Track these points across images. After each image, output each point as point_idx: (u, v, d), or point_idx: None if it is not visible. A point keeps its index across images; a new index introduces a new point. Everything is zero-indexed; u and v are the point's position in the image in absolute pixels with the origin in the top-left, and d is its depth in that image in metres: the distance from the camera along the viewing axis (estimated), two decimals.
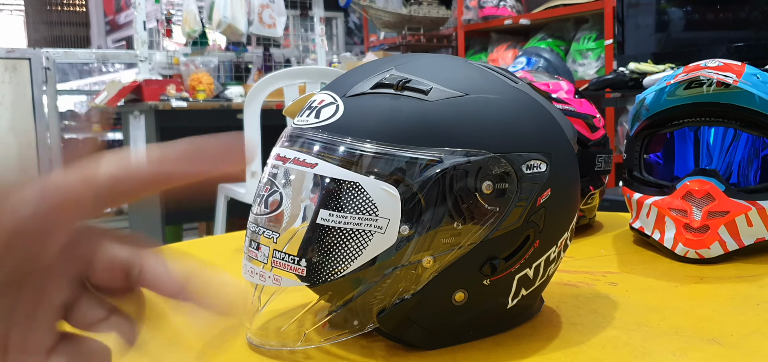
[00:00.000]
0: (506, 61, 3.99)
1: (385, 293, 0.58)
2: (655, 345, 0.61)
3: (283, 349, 0.61)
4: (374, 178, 0.55)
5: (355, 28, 6.26)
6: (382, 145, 0.56)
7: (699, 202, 0.87)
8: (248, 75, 4.73)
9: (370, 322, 0.58)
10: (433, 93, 0.58)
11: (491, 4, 4.14)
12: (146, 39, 4.21)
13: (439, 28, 4.54)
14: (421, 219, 0.56)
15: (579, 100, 1.04)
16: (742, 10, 2.86)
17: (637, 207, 0.95)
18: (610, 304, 0.72)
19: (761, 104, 0.88)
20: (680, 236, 0.87)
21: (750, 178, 0.99)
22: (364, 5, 4.40)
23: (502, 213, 0.57)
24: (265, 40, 4.59)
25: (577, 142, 0.67)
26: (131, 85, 4.09)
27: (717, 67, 0.91)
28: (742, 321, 0.67)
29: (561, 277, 0.80)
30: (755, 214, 0.86)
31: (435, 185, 0.55)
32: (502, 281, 0.59)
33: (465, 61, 0.65)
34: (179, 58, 4.38)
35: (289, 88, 2.62)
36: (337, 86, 0.62)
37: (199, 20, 4.33)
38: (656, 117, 0.95)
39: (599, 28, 3.59)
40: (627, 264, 0.90)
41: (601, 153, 1.04)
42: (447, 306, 0.58)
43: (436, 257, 0.56)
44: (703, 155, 1.01)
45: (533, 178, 0.58)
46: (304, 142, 0.58)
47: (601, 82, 2.84)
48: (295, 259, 0.58)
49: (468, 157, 0.56)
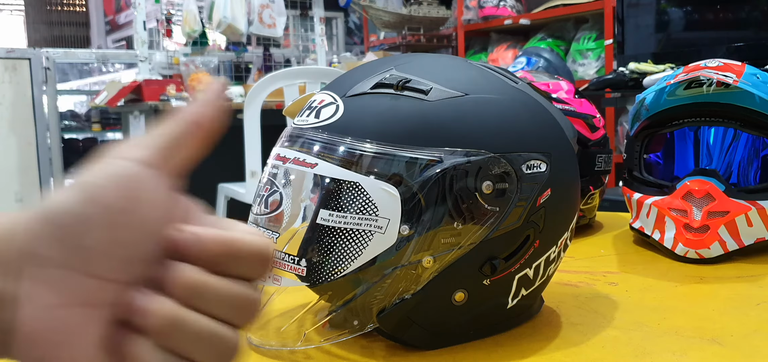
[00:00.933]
0: (506, 61, 3.99)
1: (385, 293, 0.58)
2: (655, 345, 0.61)
3: (283, 349, 0.61)
4: (374, 177, 0.55)
5: (355, 28, 6.26)
6: (382, 145, 0.56)
7: (699, 202, 0.87)
8: (248, 75, 4.73)
9: (370, 322, 0.58)
10: (433, 93, 0.58)
11: (491, 4, 4.14)
12: (146, 39, 4.21)
13: (439, 28, 4.54)
14: (421, 219, 0.56)
15: (579, 100, 1.04)
16: (742, 10, 2.86)
17: (637, 207, 0.95)
18: (610, 304, 0.72)
19: (761, 104, 0.88)
20: (680, 236, 0.87)
21: (750, 178, 0.99)
22: (364, 5, 4.40)
23: (502, 213, 0.57)
24: (265, 40, 4.59)
25: (577, 142, 0.67)
26: (131, 85, 4.09)
27: (717, 67, 0.91)
28: (742, 321, 0.67)
29: (561, 277, 0.80)
30: (755, 214, 0.86)
31: (435, 185, 0.55)
32: (502, 281, 0.59)
33: (465, 61, 0.65)
34: (179, 58, 4.38)
35: (289, 88, 2.62)
36: (337, 86, 0.62)
37: (199, 20, 4.33)
38: (656, 117, 0.95)
39: (599, 28, 3.59)
40: (627, 264, 0.90)
41: (601, 153, 1.04)
42: (447, 306, 0.58)
43: (436, 257, 0.56)
44: (703, 155, 1.01)
45: (533, 178, 0.58)
46: (304, 141, 0.58)
47: (601, 82, 2.83)
48: (295, 259, 0.58)
49: (468, 157, 0.56)
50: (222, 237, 0.33)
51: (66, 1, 8.28)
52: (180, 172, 0.34)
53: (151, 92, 3.94)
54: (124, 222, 0.31)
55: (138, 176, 0.32)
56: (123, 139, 0.44)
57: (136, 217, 0.31)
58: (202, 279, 0.32)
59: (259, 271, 0.34)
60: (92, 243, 0.30)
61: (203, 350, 0.32)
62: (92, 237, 0.30)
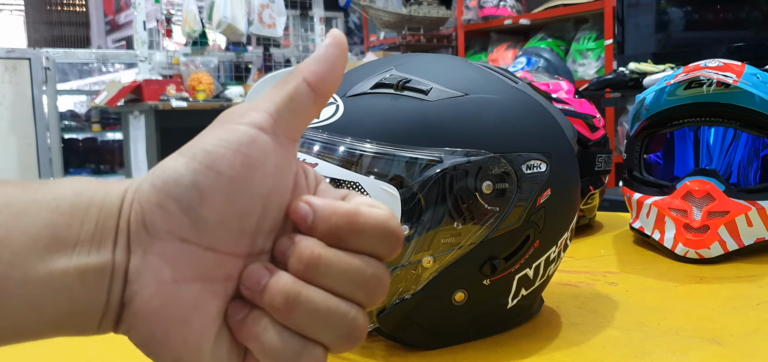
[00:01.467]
0: (506, 61, 3.99)
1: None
2: (655, 345, 0.61)
3: None
4: (374, 177, 0.55)
5: (355, 28, 6.26)
6: (382, 145, 0.56)
7: (699, 202, 0.87)
8: (248, 75, 4.73)
9: (370, 322, 0.58)
10: (433, 93, 0.58)
11: (491, 4, 4.14)
12: (146, 39, 4.22)
13: (439, 28, 4.54)
14: (421, 219, 0.56)
15: (579, 100, 1.04)
16: (742, 10, 2.86)
17: (637, 207, 0.95)
18: (610, 304, 0.72)
19: (761, 104, 0.88)
20: (680, 236, 0.87)
21: (750, 178, 0.99)
22: (364, 5, 4.40)
23: (502, 213, 0.57)
24: (265, 40, 4.60)
25: (577, 142, 0.67)
26: (131, 85, 4.10)
27: (717, 67, 0.91)
28: (742, 321, 0.67)
29: (561, 277, 0.80)
30: (755, 214, 0.86)
31: (435, 185, 0.55)
32: (502, 281, 0.59)
33: (465, 61, 0.65)
34: (179, 58, 4.38)
35: None
36: None
37: (199, 20, 4.33)
38: (656, 117, 0.95)
39: (599, 28, 3.59)
40: (627, 264, 0.90)
41: (601, 153, 1.04)
42: (447, 306, 0.58)
43: (436, 257, 0.56)
44: (703, 155, 1.01)
45: (533, 178, 0.58)
46: (303, 141, 0.58)
47: (601, 82, 2.84)
48: None
49: (468, 157, 0.56)
50: (343, 209, 0.30)
51: (66, 1, 8.28)
52: (297, 138, 0.32)
53: (151, 92, 3.94)
54: (242, 192, 0.29)
55: (255, 143, 0.30)
56: (242, 101, 0.41)
57: (255, 187, 0.30)
58: (323, 253, 0.30)
59: (384, 246, 0.31)
60: (210, 215, 0.29)
61: (325, 328, 0.30)
62: (210, 208, 0.29)
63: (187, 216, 0.29)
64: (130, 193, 0.29)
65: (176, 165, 0.29)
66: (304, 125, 0.32)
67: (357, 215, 0.30)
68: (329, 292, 0.30)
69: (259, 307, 0.30)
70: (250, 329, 0.30)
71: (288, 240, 0.31)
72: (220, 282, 0.30)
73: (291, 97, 0.31)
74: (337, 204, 0.31)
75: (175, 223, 0.29)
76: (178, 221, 0.29)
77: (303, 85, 0.32)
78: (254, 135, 0.30)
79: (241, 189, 0.29)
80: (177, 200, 0.29)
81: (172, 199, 0.29)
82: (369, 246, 0.31)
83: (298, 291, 0.30)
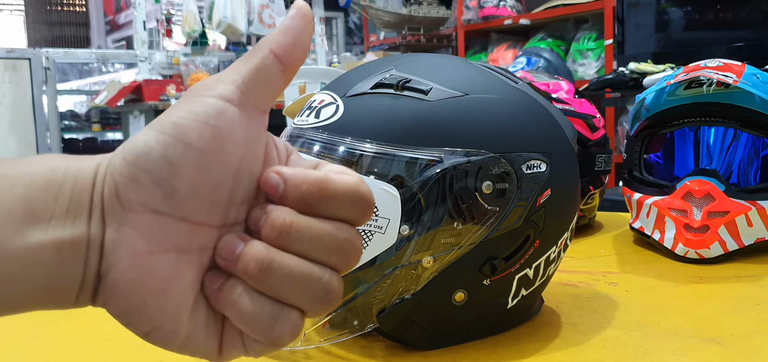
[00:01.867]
0: (506, 61, 3.99)
1: (385, 293, 0.58)
2: (655, 345, 0.61)
3: (283, 349, 0.61)
4: (374, 177, 0.55)
5: (355, 28, 6.26)
6: (382, 145, 0.56)
7: (699, 202, 0.87)
8: None
9: (370, 322, 0.58)
10: (433, 93, 0.58)
11: (491, 4, 4.14)
12: (146, 39, 4.22)
13: (439, 28, 4.54)
14: (421, 219, 0.56)
15: (579, 100, 1.04)
16: (742, 10, 2.86)
17: (637, 207, 0.95)
18: (610, 304, 0.72)
19: (761, 104, 0.88)
20: (680, 236, 0.87)
21: (750, 178, 0.99)
22: (364, 5, 4.40)
23: (502, 213, 0.57)
24: None
25: (577, 142, 0.67)
26: (131, 85, 4.10)
27: (717, 67, 0.91)
28: (742, 321, 0.67)
29: (561, 277, 0.80)
30: (755, 214, 0.86)
31: (435, 185, 0.55)
32: (502, 281, 0.59)
33: (465, 61, 0.65)
34: (179, 58, 4.38)
35: (288, 88, 2.62)
36: (337, 86, 0.62)
37: (199, 20, 4.34)
38: (656, 117, 0.95)
39: (599, 28, 3.59)
40: (627, 264, 0.90)
41: (601, 153, 1.04)
42: (447, 306, 0.58)
43: (436, 257, 0.56)
44: (703, 155, 1.01)
45: (533, 178, 0.58)
46: (304, 142, 0.58)
47: (601, 82, 2.84)
48: None
49: (468, 157, 0.56)
50: (313, 177, 0.31)
51: (66, 1, 8.28)
52: (266, 109, 0.33)
53: (151, 92, 3.94)
54: (213, 163, 0.30)
55: (223, 115, 0.30)
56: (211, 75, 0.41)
57: (225, 158, 0.30)
58: (295, 221, 0.31)
59: (354, 211, 0.32)
60: (181, 187, 0.29)
61: (300, 292, 0.31)
62: (181, 180, 0.29)
63: (160, 188, 0.29)
64: (102, 167, 0.30)
65: (146, 138, 0.29)
66: (272, 97, 0.33)
67: (326, 182, 0.31)
68: (303, 258, 0.31)
69: (234, 276, 0.31)
70: (226, 297, 0.31)
71: (260, 210, 0.31)
72: (195, 252, 0.30)
73: (258, 68, 0.32)
74: (307, 173, 0.32)
75: (147, 195, 0.29)
76: (150, 193, 0.29)
77: (270, 56, 0.32)
78: (222, 107, 0.30)
79: (212, 160, 0.30)
80: (148, 172, 0.29)
81: (144, 172, 0.29)
82: (340, 212, 0.32)
83: (271, 258, 0.30)
